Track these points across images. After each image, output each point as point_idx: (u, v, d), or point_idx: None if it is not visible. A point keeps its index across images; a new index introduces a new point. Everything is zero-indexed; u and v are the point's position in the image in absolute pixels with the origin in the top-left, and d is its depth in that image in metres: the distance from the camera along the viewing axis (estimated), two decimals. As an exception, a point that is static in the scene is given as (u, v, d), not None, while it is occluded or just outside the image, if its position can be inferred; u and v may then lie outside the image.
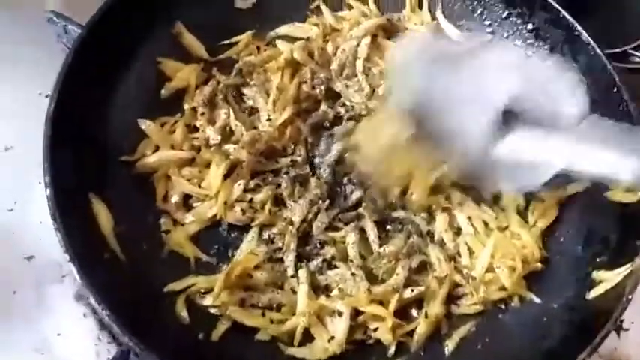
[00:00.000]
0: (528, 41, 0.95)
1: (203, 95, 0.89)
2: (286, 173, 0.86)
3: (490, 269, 0.82)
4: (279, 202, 0.85)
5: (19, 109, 0.95)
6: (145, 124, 0.86)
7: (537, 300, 0.81)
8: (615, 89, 0.84)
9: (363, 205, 0.85)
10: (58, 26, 0.91)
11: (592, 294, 0.76)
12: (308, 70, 0.93)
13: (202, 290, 0.77)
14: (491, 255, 0.82)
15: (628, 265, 0.73)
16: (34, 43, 0.99)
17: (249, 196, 0.84)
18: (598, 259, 0.79)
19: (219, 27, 0.95)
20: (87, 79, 0.80)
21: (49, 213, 0.67)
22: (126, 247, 0.76)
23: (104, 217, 0.76)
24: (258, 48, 0.97)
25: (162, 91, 0.90)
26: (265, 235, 0.83)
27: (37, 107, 0.76)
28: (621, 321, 0.86)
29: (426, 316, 0.78)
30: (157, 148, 0.85)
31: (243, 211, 0.83)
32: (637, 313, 0.85)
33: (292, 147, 0.89)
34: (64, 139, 0.73)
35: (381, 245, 0.83)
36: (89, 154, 0.78)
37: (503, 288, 0.81)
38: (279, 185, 0.85)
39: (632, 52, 1.12)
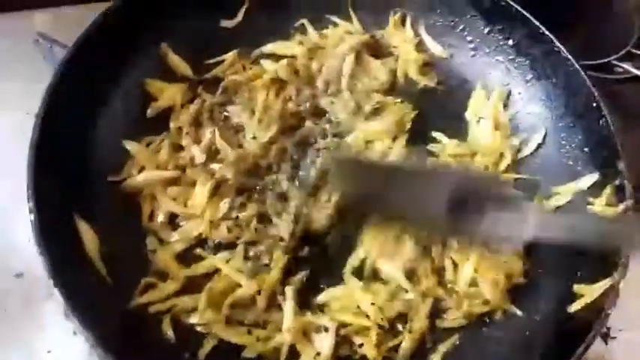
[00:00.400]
0: (510, 56, 0.96)
1: (189, 114, 0.90)
2: (271, 190, 0.86)
3: (473, 283, 0.82)
4: (264, 219, 0.85)
5: (7, 129, 0.96)
6: (131, 145, 0.86)
7: (520, 313, 0.81)
8: (595, 104, 0.85)
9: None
10: (44, 47, 0.93)
11: (574, 307, 0.77)
12: (293, 87, 0.94)
13: (188, 309, 0.77)
14: (474, 269, 0.82)
15: (607, 280, 0.74)
16: (23, 62, 1.00)
17: (234, 213, 0.85)
18: (579, 273, 0.79)
19: (205, 46, 0.96)
20: (72, 101, 0.80)
21: (33, 238, 0.68)
22: (111, 268, 0.76)
23: (90, 238, 0.76)
24: (243, 66, 0.97)
25: (148, 111, 0.90)
26: (251, 253, 0.83)
27: (24, 127, 0.76)
28: (608, 329, 0.87)
29: (410, 331, 0.79)
30: (142, 168, 0.86)
31: (229, 229, 0.84)
32: (625, 320, 0.86)
33: (278, 164, 0.89)
34: (48, 162, 0.74)
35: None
36: (74, 176, 0.79)
37: (486, 302, 0.81)
38: (264, 202, 0.86)
39: (617, 62, 1.13)
